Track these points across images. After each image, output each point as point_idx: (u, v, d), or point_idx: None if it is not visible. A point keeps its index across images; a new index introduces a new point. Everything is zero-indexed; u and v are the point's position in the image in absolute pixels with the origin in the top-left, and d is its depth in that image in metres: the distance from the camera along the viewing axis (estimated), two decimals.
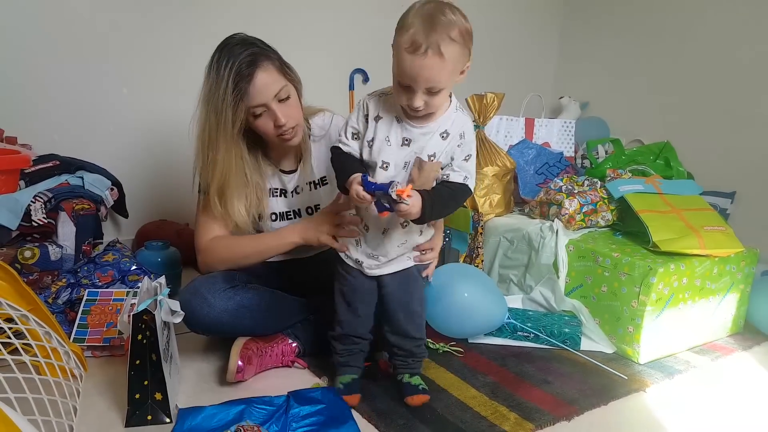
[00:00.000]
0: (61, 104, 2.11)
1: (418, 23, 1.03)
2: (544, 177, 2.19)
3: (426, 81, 1.05)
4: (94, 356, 1.46)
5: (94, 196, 1.80)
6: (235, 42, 1.31)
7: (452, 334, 1.58)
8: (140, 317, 1.13)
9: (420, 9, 1.05)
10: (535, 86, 2.85)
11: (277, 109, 1.32)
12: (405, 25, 1.05)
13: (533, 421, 1.21)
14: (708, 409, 1.31)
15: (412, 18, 1.04)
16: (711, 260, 1.58)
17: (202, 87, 1.33)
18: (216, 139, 1.32)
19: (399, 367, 1.33)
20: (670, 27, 2.74)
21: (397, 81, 1.09)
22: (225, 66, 1.27)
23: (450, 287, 1.55)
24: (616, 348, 1.58)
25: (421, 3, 1.06)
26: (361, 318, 1.31)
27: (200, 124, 1.34)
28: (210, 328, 1.37)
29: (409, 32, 1.03)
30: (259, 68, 1.28)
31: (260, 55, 1.30)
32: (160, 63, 2.25)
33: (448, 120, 1.16)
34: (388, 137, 1.15)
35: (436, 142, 1.15)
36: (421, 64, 1.04)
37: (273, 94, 1.31)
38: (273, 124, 1.33)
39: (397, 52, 1.06)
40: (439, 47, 1.02)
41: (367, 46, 2.73)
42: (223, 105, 1.27)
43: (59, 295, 1.58)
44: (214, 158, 1.34)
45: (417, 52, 1.03)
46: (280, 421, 1.17)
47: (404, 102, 1.10)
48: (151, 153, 2.29)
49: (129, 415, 1.16)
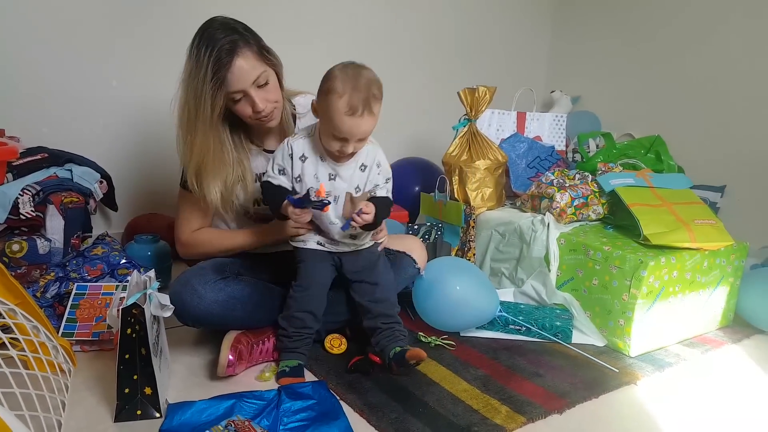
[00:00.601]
0: (49, 97, 2.08)
1: (350, 89, 1.20)
2: (535, 171, 2.19)
3: (361, 135, 1.25)
4: (83, 351, 1.45)
5: (83, 189, 1.78)
6: (216, 26, 1.31)
7: (444, 327, 1.59)
8: (129, 311, 1.12)
9: (343, 75, 1.22)
10: (526, 80, 2.85)
11: (255, 95, 1.34)
12: (336, 91, 1.20)
13: (525, 414, 1.22)
14: (698, 402, 1.32)
15: (342, 85, 1.20)
16: (701, 253, 1.59)
17: (183, 68, 1.34)
18: (194, 123, 1.34)
19: (389, 340, 1.38)
20: (661, 22, 2.75)
21: (331, 134, 1.25)
22: (205, 52, 1.28)
23: (442, 281, 1.56)
24: (607, 341, 1.59)
25: (340, 68, 1.24)
26: (312, 293, 1.38)
27: (179, 107, 1.36)
28: (200, 319, 1.37)
29: (344, 98, 1.20)
30: (238, 55, 1.29)
31: (239, 41, 1.30)
32: (151, 55, 2.22)
33: (362, 154, 1.33)
34: (317, 174, 1.32)
35: (358, 175, 1.34)
36: (359, 123, 1.22)
37: (251, 81, 1.33)
38: (251, 109, 1.36)
39: (333, 113, 1.21)
40: (371, 107, 1.22)
41: (358, 37, 2.72)
42: (202, 91, 1.30)
43: (47, 289, 1.57)
44: (192, 141, 1.36)
45: (354, 115, 1.20)
46: (271, 415, 1.16)
47: (336, 149, 1.26)
48: (141, 146, 2.27)
49: (118, 410, 1.15)
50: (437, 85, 2.98)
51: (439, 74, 3.00)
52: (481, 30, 3.11)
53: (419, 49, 2.92)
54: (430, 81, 2.98)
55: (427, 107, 2.99)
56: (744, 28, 2.43)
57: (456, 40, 3.03)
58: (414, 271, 1.58)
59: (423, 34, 2.92)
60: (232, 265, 1.46)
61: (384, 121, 2.95)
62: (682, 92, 2.66)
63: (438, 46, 2.98)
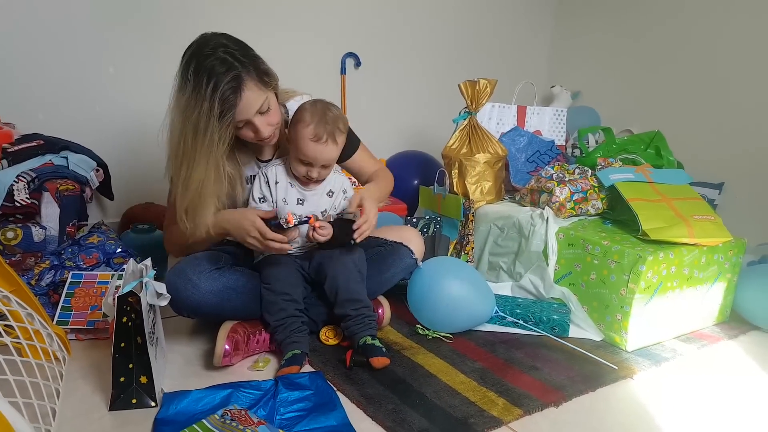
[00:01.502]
0: (46, 83, 2.06)
1: (317, 120, 1.36)
2: (535, 165, 2.18)
3: (324, 161, 1.40)
4: (78, 339, 1.44)
5: (79, 177, 1.77)
6: (210, 53, 1.26)
7: (439, 329, 1.56)
8: (125, 299, 1.11)
9: (313, 109, 1.38)
10: (527, 75, 2.84)
11: (259, 123, 1.34)
12: (305, 121, 1.37)
13: (522, 406, 1.21)
14: (694, 397, 1.32)
15: (310, 116, 1.37)
16: (699, 249, 1.58)
17: (175, 95, 1.30)
18: (193, 156, 1.30)
19: (358, 329, 1.39)
20: (661, 19, 2.74)
21: (298, 159, 1.40)
22: (206, 86, 1.24)
23: (437, 284, 1.53)
24: (604, 335, 1.59)
25: (310, 104, 1.41)
26: (281, 277, 1.41)
27: (174, 139, 1.32)
28: (195, 310, 1.36)
29: (310, 127, 1.36)
30: (243, 91, 1.28)
31: (242, 75, 1.27)
32: (148, 42, 2.20)
33: (330, 182, 1.49)
34: (285, 198, 1.45)
35: (325, 201, 1.48)
36: (322, 150, 1.38)
37: (255, 111, 1.32)
38: (253, 134, 1.37)
39: (300, 139, 1.37)
40: (335, 138, 1.39)
41: (359, 30, 2.71)
42: (208, 125, 1.26)
43: (42, 277, 1.56)
44: (189, 175, 1.32)
45: (319, 142, 1.37)
46: (267, 405, 1.16)
47: (303, 174, 1.41)
48: (138, 134, 2.26)
49: (113, 399, 1.15)
50: (437, 78, 2.97)
51: (440, 67, 2.99)
52: (482, 23, 3.10)
53: (420, 42, 2.91)
54: (431, 74, 2.97)
55: (426, 100, 2.97)
56: (745, 26, 2.42)
57: (457, 33, 3.02)
58: (411, 262, 1.58)
59: (424, 27, 2.90)
60: (227, 255, 1.46)
61: (384, 113, 2.97)
62: (682, 89, 2.66)
63: (439, 39, 2.97)
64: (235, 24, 2.32)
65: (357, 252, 1.50)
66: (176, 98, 1.31)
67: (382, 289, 1.58)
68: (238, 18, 2.34)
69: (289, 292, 1.41)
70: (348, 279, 1.43)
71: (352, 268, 1.45)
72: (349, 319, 1.41)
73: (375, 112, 2.79)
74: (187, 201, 1.35)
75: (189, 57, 1.29)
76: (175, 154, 1.33)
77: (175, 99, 1.31)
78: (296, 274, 1.46)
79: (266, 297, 1.41)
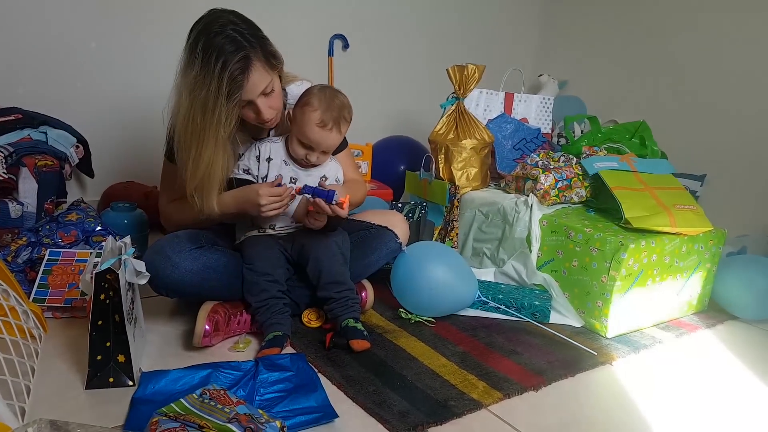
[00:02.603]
0: (26, 57, 2.01)
1: (324, 106, 1.37)
2: (521, 152, 2.18)
3: (325, 147, 1.41)
4: (54, 317, 1.42)
5: (58, 153, 1.74)
6: (219, 30, 1.24)
7: (422, 313, 1.56)
8: (103, 276, 1.09)
9: (321, 95, 1.39)
10: (515, 63, 2.83)
11: (262, 105, 1.33)
12: (312, 105, 1.37)
13: (501, 390, 1.22)
14: (672, 383, 1.34)
15: (318, 101, 1.37)
16: (680, 238, 1.60)
17: (182, 71, 1.28)
18: (203, 135, 1.29)
19: (342, 312, 1.38)
20: (650, 11, 2.74)
21: (300, 141, 1.40)
22: (215, 63, 1.23)
23: (421, 268, 1.53)
24: (585, 322, 1.60)
25: (319, 89, 1.41)
26: (262, 257, 1.40)
27: (182, 116, 1.30)
28: (175, 289, 1.34)
29: (317, 112, 1.37)
30: (251, 71, 1.27)
31: (251, 55, 1.26)
32: (130, 18, 2.16)
33: (325, 167, 1.49)
34: (278, 176, 1.42)
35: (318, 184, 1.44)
36: (327, 136, 1.39)
37: (260, 92, 1.31)
38: (255, 115, 1.35)
39: (306, 123, 1.37)
40: (339, 126, 1.40)
41: (347, 11, 2.68)
42: (216, 105, 1.25)
43: (19, 254, 1.53)
44: (199, 154, 1.31)
45: (324, 128, 1.37)
46: (247, 386, 1.15)
47: (302, 155, 1.41)
48: (119, 111, 2.21)
49: (90, 377, 1.13)
50: (426, 63, 2.95)
51: (428, 52, 2.97)
52: (472, 10, 3.08)
53: (409, 26, 2.88)
54: (419, 58, 2.95)
55: (414, 85, 2.96)
56: (729, 17, 2.43)
57: (446, 18, 3.00)
58: (395, 246, 1.57)
59: (413, 11, 2.88)
60: (208, 234, 1.44)
61: (371, 97, 2.94)
62: (667, 82, 2.68)
63: (428, 24, 2.95)
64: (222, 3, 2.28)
65: (340, 234, 1.49)
66: (183, 75, 1.28)
67: (366, 272, 1.57)
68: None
69: (271, 272, 1.40)
70: (331, 261, 1.42)
71: (336, 251, 1.44)
72: (333, 302, 1.40)
73: (362, 96, 2.75)
74: (197, 180, 1.34)
75: (198, 33, 1.26)
76: (183, 132, 1.31)
77: (182, 76, 1.28)
78: (279, 255, 1.45)
79: (248, 277, 1.39)
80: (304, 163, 1.44)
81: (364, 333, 1.34)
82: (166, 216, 1.55)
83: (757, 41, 2.35)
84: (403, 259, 1.57)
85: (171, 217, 1.54)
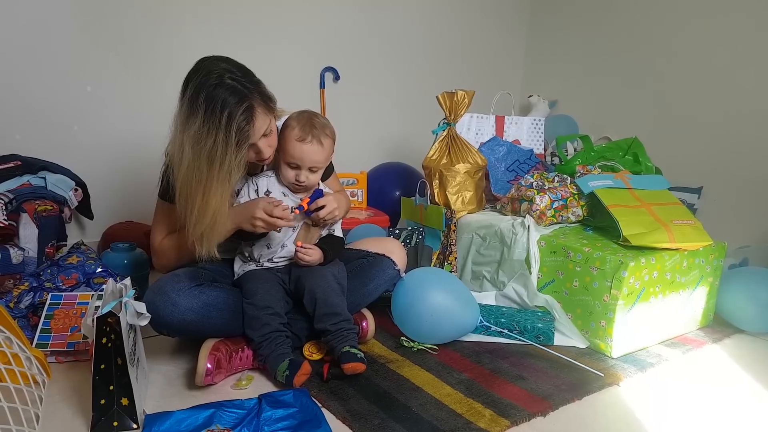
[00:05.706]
0: (23, 103, 2.04)
1: (302, 123, 1.42)
2: (514, 174, 2.20)
3: (311, 162, 1.43)
4: (58, 362, 1.41)
5: (57, 197, 1.75)
6: (219, 84, 1.26)
7: (424, 340, 1.56)
8: (104, 320, 1.09)
9: (299, 116, 1.45)
10: (504, 85, 2.88)
11: (263, 145, 1.36)
12: (291, 126, 1.43)
13: (509, 417, 1.21)
14: (681, 402, 1.33)
15: (296, 122, 1.43)
16: (680, 254, 1.60)
17: (182, 124, 1.28)
18: (208, 185, 1.30)
19: (339, 341, 1.38)
20: (637, 26, 2.79)
21: (286, 163, 1.44)
22: (220, 115, 1.24)
23: (421, 295, 1.53)
24: (589, 342, 1.59)
25: (297, 113, 1.46)
26: (262, 290, 1.40)
27: (184, 167, 1.30)
28: (176, 327, 1.34)
29: (296, 129, 1.42)
30: (256, 119, 1.30)
31: (253, 104, 1.29)
32: (125, 60, 2.19)
33: None
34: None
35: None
36: (308, 150, 1.42)
37: (261, 134, 1.34)
38: (255, 155, 1.38)
39: (287, 142, 1.42)
40: (320, 139, 1.42)
41: (338, 44, 2.72)
42: (225, 155, 1.27)
43: (21, 300, 1.53)
44: (204, 204, 1.31)
45: (304, 142, 1.41)
46: (251, 424, 1.14)
47: (292, 178, 1.45)
48: (116, 152, 2.24)
49: (94, 422, 1.12)
50: (416, 91, 2.99)
51: (418, 80, 3.01)
52: (458, 36, 3.13)
53: (398, 55, 2.93)
54: (409, 86, 2.99)
55: (406, 112, 2.99)
56: (721, 31, 2.47)
57: (434, 45, 3.05)
58: (394, 273, 1.57)
59: (401, 41, 2.93)
60: (207, 272, 1.45)
61: (364, 126, 2.97)
62: (659, 96, 2.70)
63: (416, 52, 2.99)
64: (215, 39, 2.33)
65: (337, 264, 1.49)
66: (183, 127, 1.28)
67: (365, 301, 1.57)
68: (216, 33, 2.35)
69: (272, 305, 1.40)
70: (326, 292, 1.42)
71: (331, 280, 1.45)
72: (329, 334, 1.40)
73: (355, 125, 2.80)
74: (202, 228, 1.34)
75: (197, 86, 1.26)
76: (187, 182, 1.31)
77: (182, 127, 1.28)
78: (278, 288, 1.45)
79: (249, 312, 1.39)
80: (296, 186, 1.46)
81: (357, 356, 1.33)
82: (160, 253, 1.52)
83: (748, 53, 2.38)
84: (402, 286, 1.57)
85: (164, 254, 1.51)
